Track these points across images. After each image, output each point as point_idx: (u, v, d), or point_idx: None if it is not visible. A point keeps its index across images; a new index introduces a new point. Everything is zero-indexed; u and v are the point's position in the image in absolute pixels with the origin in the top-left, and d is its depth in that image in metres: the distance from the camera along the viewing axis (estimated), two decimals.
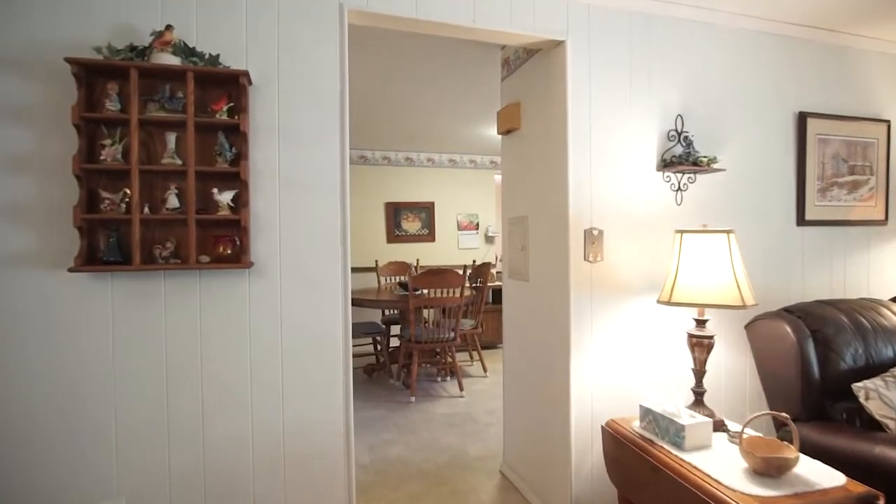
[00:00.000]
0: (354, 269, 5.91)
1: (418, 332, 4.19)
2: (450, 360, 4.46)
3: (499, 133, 2.85)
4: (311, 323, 1.89)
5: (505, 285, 2.85)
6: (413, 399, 4.11)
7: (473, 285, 5.05)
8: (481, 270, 4.97)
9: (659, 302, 1.97)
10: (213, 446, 1.80)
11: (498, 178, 6.88)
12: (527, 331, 2.59)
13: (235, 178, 1.74)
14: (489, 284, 5.04)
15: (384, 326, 5.01)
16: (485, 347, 5.89)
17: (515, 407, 2.76)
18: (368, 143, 5.74)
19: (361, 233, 5.96)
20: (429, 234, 6.24)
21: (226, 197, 1.72)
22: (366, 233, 5.99)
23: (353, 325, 4.73)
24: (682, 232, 1.96)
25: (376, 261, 5.66)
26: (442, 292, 4.14)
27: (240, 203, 1.74)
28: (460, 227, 6.38)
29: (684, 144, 2.32)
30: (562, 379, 2.22)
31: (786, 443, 1.57)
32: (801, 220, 2.58)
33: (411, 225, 6.17)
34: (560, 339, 2.24)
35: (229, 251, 1.72)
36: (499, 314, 6.49)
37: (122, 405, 1.71)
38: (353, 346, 4.74)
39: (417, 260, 5.80)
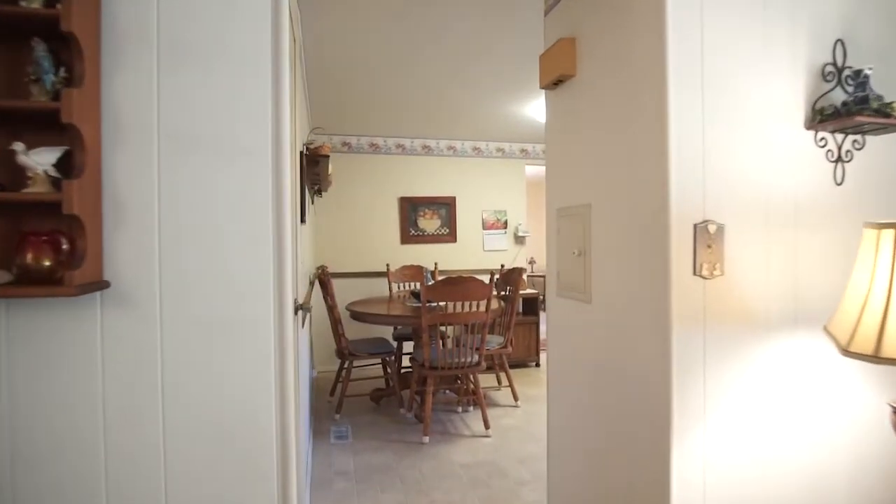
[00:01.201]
0: (360, 275, 5.12)
1: (433, 356, 3.37)
2: (472, 386, 3.62)
3: (542, 86, 1.98)
4: (218, 401, 1.08)
5: (551, 306, 1.99)
6: (426, 440, 3.28)
7: (502, 294, 4.19)
8: (511, 277, 4.10)
9: (846, 352, 1.09)
10: None
11: (530, 169, 6.00)
12: (588, 377, 1.73)
13: (63, 127, 0.94)
14: (521, 293, 4.18)
15: (395, 343, 4.20)
16: (514, 366, 5.03)
17: (568, 482, 1.90)
18: (379, 129, 4.95)
19: (371, 232, 5.17)
20: (449, 234, 5.40)
21: (44, 159, 0.92)
22: (376, 232, 5.19)
23: (357, 342, 3.93)
24: (887, 227, 1.07)
25: (387, 265, 4.86)
26: (463, 306, 3.31)
27: (72, 171, 0.94)
28: (486, 226, 5.53)
29: (850, 86, 1.42)
30: (653, 461, 1.36)
31: None
32: None
33: (429, 223, 5.34)
34: (651, 399, 1.37)
35: (47, 262, 0.92)
36: (530, 327, 5.38)
37: None
38: (356, 367, 3.95)
39: (436, 264, 4.98)
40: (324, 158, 2.83)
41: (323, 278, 3.67)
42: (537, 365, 5.20)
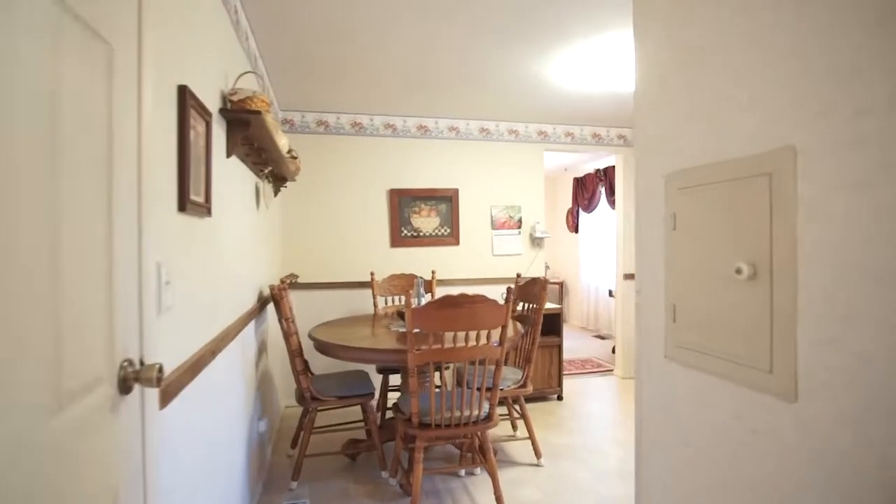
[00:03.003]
0: (339, 286, 4.11)
1: (424, 407, 2.37)
2: (479, 442, 2.61)
3: None
4: None
5: (653, 376, 0.98)
6: None
7: (521, 312, 3.19)
8: (531, 291, 3.10)
9: None
10: None
11: (549, 154, 4.99)
12: None
13: None
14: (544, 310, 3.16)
15: (381, 376, 3.20)
16: (530, 399, 4.02)
17: None
18: (363, 105, 3.95)
19: (354, 232, 4.17)
20: (450, 235, 4.40)
21: None
22: (360, 232, 4.19)
23: (325, 380, 2.93)
24: None
25: (372, 273, 3.85)
26: (467, 337, 2.30)
27: None
28: (496, 226, 4.52)
29: None
30: None
31: None
32: None
33: (426, 222, 4.34)
34: None
35: None
36: (551, 351, 4.15)
37: None
38: (320, 411, 2.96)
39: (433, 272, 3.98)
40: (254, 116, 1.84)
41: (276, 294, 2.67)
42: (559, 398, 4.18)
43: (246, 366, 2.34)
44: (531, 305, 3.09)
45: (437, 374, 3.73)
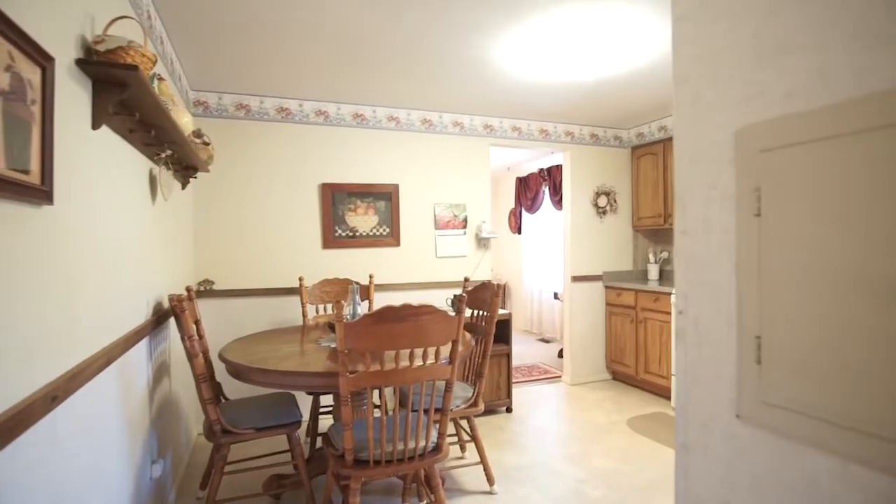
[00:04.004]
0: (262, 293, 3.61)
1: (360, 439, 1.97)
2: (425, 473, 2.24)
3: None
4: None
5: (695, 436, 0.65)
6: None
7: (470, 320, 2.86)
8: (481, 297, 2.78)
9: None
10: None
11: (492, 153, 4.73)
12: None
13: None
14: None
15: (311, 397, 2.75)
16: (478, 414, 3.70)
17: None
18: (291, 88, 3.48)
19: (278, 230, 3.69)
20: (390, 235, 4.01)
21: None
22: (286, 231, 3.71)
23: (240, 407, 2.46)
24: None
25: (301, 278, 3.39)
26: (412, 356, 1.93)
27: None
28: (439, 225, 4.18)
29: None
30: None
31: None
32: None
33: (362, 220, 3.92)
34: None
35: None
36: (499, 360, 3.78)
37: None
38: (233, 444, 2.50)
39: (371, 277, 3.57)
40: (130, 74, 1.37)
41: (176, 307, 2.17)
42: (509, 410, 3.90)
43: (129, 400, 1.84)
44: (482, 313, 2.77)
45: (375, 391, 3.33)
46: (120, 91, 1.45)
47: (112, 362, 1.60)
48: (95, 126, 1.45)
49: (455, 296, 3.95)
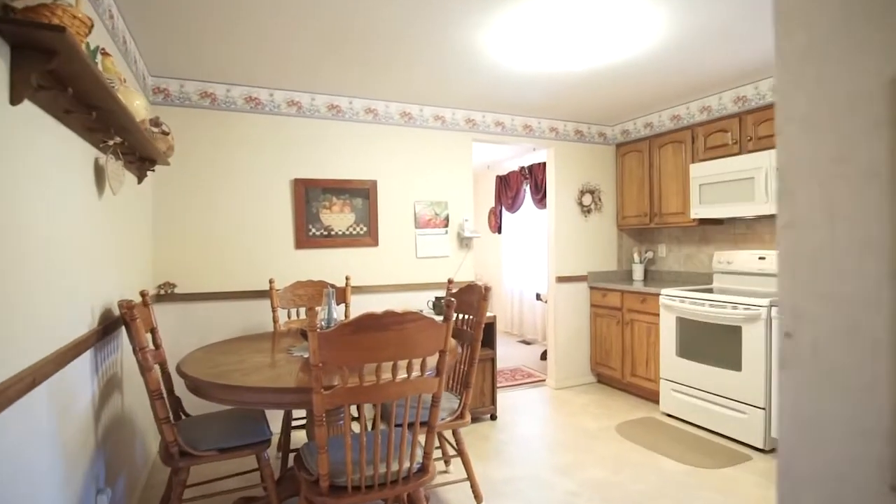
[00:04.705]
0: (230, 296, 3.35)
1: (337, 462, 1.76)
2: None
3: None
4: None
5: None
6: None
7: (460, 324, 2.65)
8: (468, 300, 2.59)
9: None
10: None
11: (476, 147, 4.57)
12: None
13: None
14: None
15: (282, 410, 2.52)
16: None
17: None
18: (262, 76, 3.23)
19: (247, 229, 3.43)
20: (368, 235, 3.79)
21: None
22: (256, 230, 3.45)
23: (200, 425, 2.22)
24: None
25: (271, 281, 3.14)
26: (395, 368, 1.72)
27: None
28: (419, 224, 3.98)
29: None
30: None
31: None
32: None
33: (338, 219, 3.69)
34: None
35: None
36: (483, 365, 3.56)
37: None
38: (198, 464, 2.26)
39: (347, 279, 3.34)
40: (56, 36, 1.13)
41: (126, 314, 1.92)
42: (493, 418, 3.72)
43: (66, 423, 1.58)
44: (468, 318, 2.59)
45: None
46: (46, 59, 1.20)
47: (41, 382, 1.36)
48: (15, 101, 1.21)
49: (437, 298, 3.76)
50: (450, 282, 3.06)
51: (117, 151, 2.04)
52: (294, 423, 2.89)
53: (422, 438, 2.24)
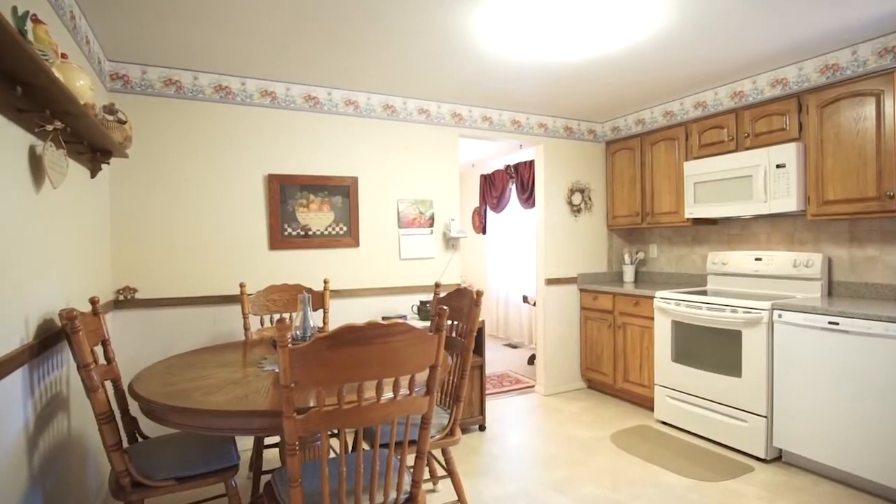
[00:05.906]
0: (196, 301, 3.08)
1: (312, 494, 1.53)
2: None
3: None
4: None
5: None
6: None
7: (449, 332, 2.44)
8: (458, 306, 2.39)
9: None
10: None
11: (463, 143, 4.37)
12: None
13: None
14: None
15: (256, 436, 2.25)
16: None
17: None
18: (233, 62, 2.97)
19: (216, 228, 3.16)
20: (348, 235, 3.55)
21: None
22: (226, 229, 3.19)
23: (158, 449, 1.96)
24: None
25: (242, 285, 2.88)
26: (379, 387, 1.50)
27: None
28: (403, 223, 3.76)
29: None
30: None
31: None
32: None
33: (316, 218, 3.45)
34: None
35: None
36: (471, 373, 3.36)
37: None
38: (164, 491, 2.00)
39: (325, 282, 3.10)
40: None
41: (67, 326, 1.66)
42: (482, 428, 3.52)
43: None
44: (458, 325, 2.38)
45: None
46: None
47: None
48: None
49: (422, 302, 3.55)
50: (437, 286, 2.85)
51: (58, 139, 1.78)
52: (267, 442, 2.65)
53: (410, 460, 2.02)
